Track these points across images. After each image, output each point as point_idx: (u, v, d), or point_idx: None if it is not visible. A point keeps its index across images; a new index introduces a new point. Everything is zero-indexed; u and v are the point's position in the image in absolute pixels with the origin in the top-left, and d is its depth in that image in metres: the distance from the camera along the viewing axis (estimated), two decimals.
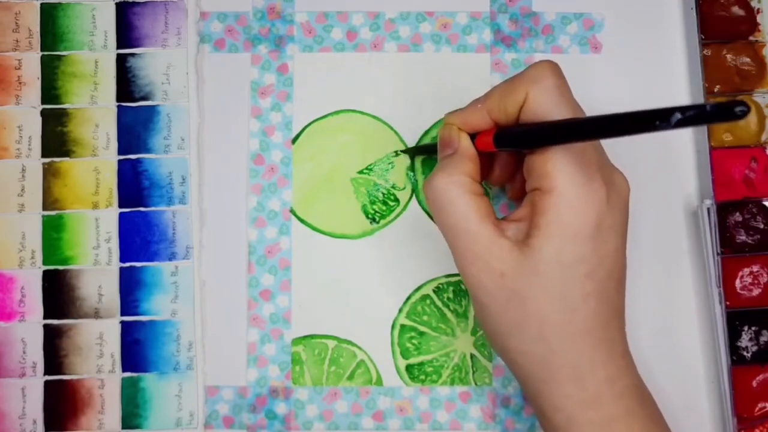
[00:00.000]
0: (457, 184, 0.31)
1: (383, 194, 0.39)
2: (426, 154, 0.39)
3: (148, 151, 0.39)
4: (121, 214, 0.39)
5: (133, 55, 0.39)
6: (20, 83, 0.39)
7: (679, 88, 0.40)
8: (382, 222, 0.39)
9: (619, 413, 0.30)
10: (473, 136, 0.33)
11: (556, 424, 0.31)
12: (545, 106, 0.30)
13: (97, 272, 0.39)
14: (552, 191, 0.29)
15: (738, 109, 0.21)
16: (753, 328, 0.37)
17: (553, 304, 0.29)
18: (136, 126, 0.39)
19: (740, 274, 0.37)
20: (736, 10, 0.39)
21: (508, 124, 0.31)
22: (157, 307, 0.38)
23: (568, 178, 0.29)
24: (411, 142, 0.40)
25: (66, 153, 0.39)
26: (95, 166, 0.39)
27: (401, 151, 0.39)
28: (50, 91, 0.39)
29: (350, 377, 0.39)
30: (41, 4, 0.39)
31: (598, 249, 0.30)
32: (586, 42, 0.40)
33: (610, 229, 0.30)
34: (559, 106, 0.30)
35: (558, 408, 0.30)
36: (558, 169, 0.29)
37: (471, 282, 0.31)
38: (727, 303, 0.37)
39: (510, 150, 0.33)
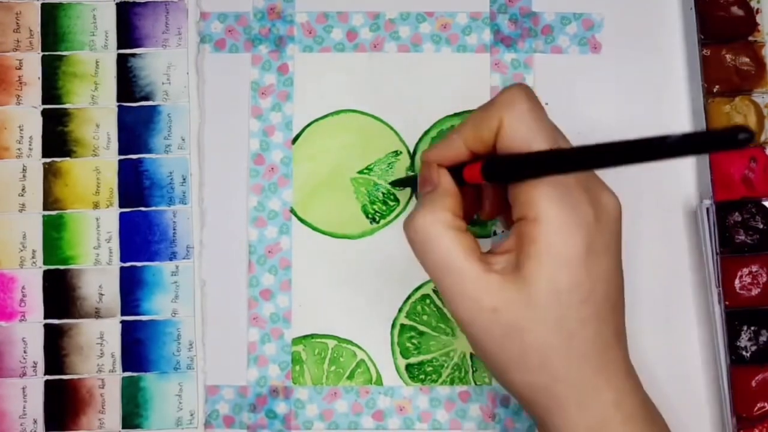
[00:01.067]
0: (438, 221, 0.30)
1: (383, 194, 0.40)
2: (410, 186, 0.39)
3: (148, 151, 0.39)
4: (121, 213, 0.39)
5: (133, 55, 0.39)
6: (21, 83, 0.39)
7: (679, 88, 0.40)
8: (382, 222, 0.39)
9: None
10: (456, 171, 0.31)
11: None
12: (520, 132, 0.29)
13: (98, 272, 0.39)
14: (538, 219, 0.28)
15: (741, 136, 0.19)
16: (752, 328, 0.37)
17: (552, 332, 0.29)
18: (136, 126, 0.39)
19: (739, 273, 0.37)
20: (736, 10, 0.39)
21: (485, 154, 0.30)
22: (157, 306, 0.38)
23: (554, 204, 0.28)
24: (411, 142, 0.40)
25: (67, 153, 0.39)
26: (96, 166, 0.39)
27: (390, 183, 0.39)
28: (51, 91, 0.39)
29: (350, 377, 0.39)
30: (42, 4, 0.39)
31: (591, 273, 0.29)
32: (585, 42, 0.40)
33: (601, 251, 0.29)
34: (533, 130, 0.29)
35: None
36: (542, 196, 0.28)
37: (463, 320, 0.30)
38: (727, 303, 0.37)
39: (499, 182, 0.31)
